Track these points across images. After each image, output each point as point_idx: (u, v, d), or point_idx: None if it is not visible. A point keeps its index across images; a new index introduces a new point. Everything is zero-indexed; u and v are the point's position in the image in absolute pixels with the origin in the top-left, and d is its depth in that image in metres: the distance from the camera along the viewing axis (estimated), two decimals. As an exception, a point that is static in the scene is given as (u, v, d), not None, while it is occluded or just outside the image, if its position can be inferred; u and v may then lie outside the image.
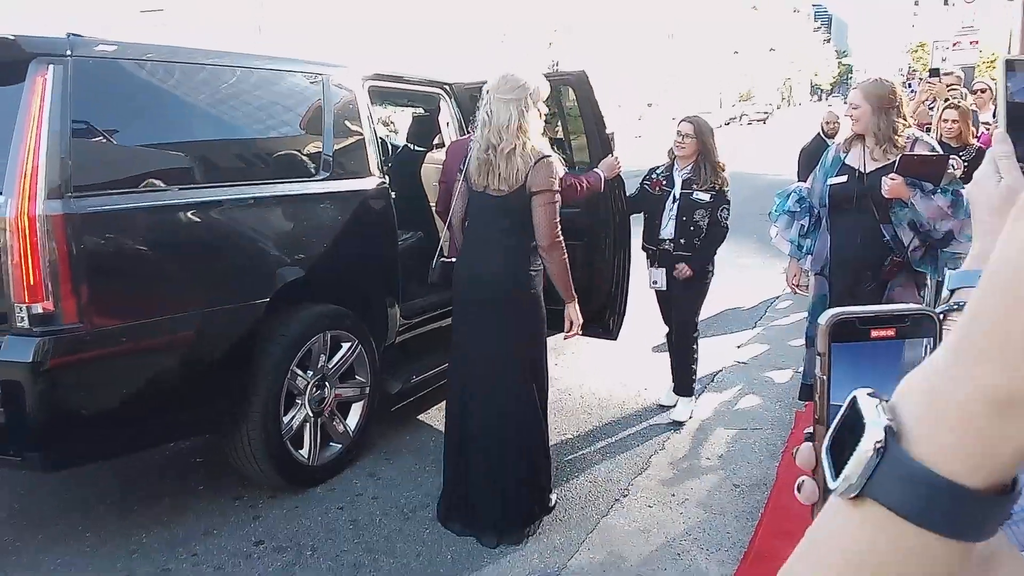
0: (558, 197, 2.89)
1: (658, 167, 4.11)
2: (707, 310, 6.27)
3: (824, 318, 0.49)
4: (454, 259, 3.17)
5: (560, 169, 2.93)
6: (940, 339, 0.49)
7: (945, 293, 0.86)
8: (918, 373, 0.39)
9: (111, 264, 2.75)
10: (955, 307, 0.83)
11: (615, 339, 4.20)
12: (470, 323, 3.04)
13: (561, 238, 2.90)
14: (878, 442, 0.38)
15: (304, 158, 3.45)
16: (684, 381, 4.18)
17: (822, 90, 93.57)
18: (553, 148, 4.30)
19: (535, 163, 2.81)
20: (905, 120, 3.22)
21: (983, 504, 0.36)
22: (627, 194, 3.99)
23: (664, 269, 4.03)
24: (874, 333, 0.49)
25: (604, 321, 4.11)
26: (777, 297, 6.65)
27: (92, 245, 2.67)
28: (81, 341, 2.63)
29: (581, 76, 3.89)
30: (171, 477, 3.52)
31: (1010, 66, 0.82)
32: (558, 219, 2.89)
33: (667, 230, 3.98)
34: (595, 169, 3.62)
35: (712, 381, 4.73)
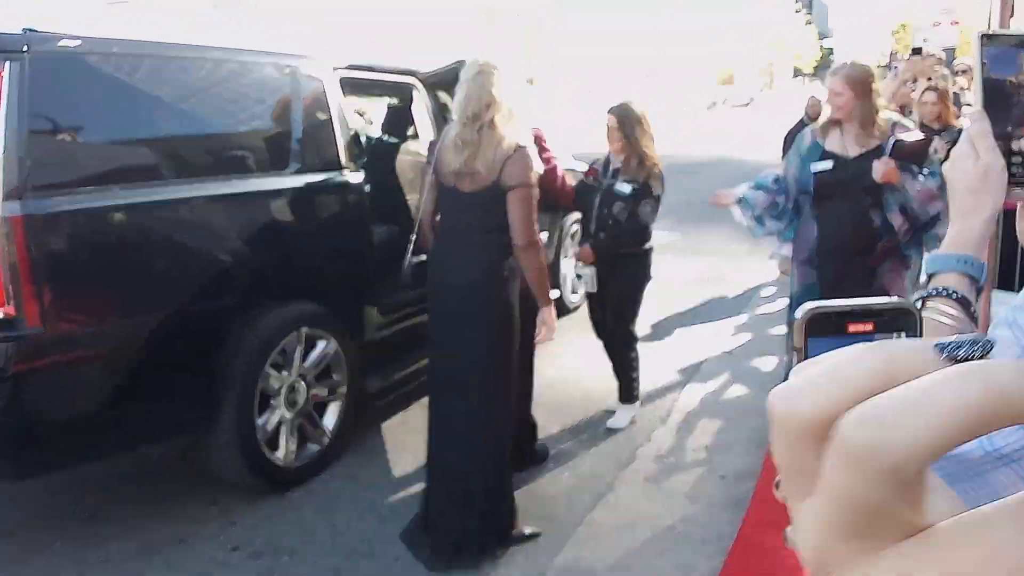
0: (536, 192, 2.69)
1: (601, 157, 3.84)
2: (693, 299, 6.29)
3: (800, 312, 0.45)
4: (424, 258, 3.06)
5: (537, 160, 2.74)
6: (920, 333, 0.46)
7: (923, 278, 0.84)
8: None
9: (74, 266, 2.67)
10: (933, 292, 0.81)
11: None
12: (440, 325, 2.91)
13: (539, 237, 2.70)
14: None
15: (273, 152, 3.36)
16: (625, 388, 3.95)
17: (805, 73, 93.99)
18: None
19: (512, 153, 2.61)
20: (881, 102, 3.21)
21: None
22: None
23: (593, 268, 3.73)
24: (851, 327, 0.45)
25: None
26: (763, 284, 6.63)
27: (54, 247, 2.60)
28: (45, 346, 2.56)
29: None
30: (143, 483, 3.43)
31: (986, 40, 0.77)
32: (535, 215, 2.69)
33: (595, 223, 3.75)
34: None
35: (698, 371, 4.69)
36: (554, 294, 3.18)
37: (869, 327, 0.45)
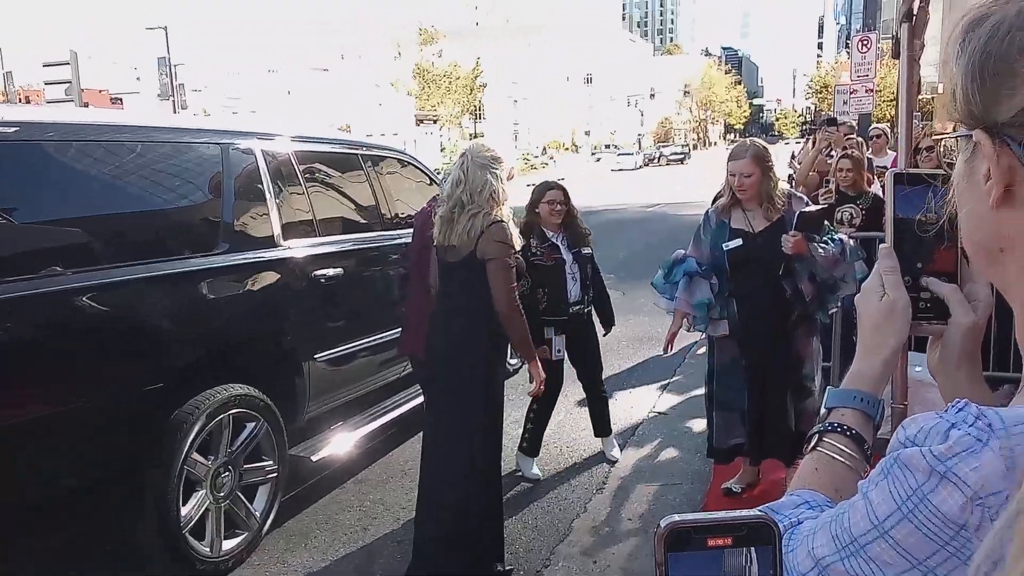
0: (513, 261, 2.93)
1: (529, 242, 3.84)
2: (628, 359, 6.38)
3: (663, 523, 0.47)
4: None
5: (515, 233, 2.94)
6: (778, 544, 0.47)
7: (823, 411, 0.85)
8: None
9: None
10: (829, 428, 0.82)
11: None
12: (429, 387, 3.25)
13: (519, 303, 2.93)
14: None
15: (204, 231, 3.32)
16: (607, 424, 4.42)
17: (735, 130, 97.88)
18: None
19: (486, 228, 2.83)
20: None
21: None
22: None
23: (564, 335, 4.02)
24: (711, 542, 0.47)
25: None
26: (695, 343, 6.75)
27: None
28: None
29: None
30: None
31: (898, 179, 0.82)
32: (514, 283, 2.92)
33: (574, 293, 4.04)
34: None
35: (633, 435, 4.73)
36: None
37: (728, 541, 0.47)
